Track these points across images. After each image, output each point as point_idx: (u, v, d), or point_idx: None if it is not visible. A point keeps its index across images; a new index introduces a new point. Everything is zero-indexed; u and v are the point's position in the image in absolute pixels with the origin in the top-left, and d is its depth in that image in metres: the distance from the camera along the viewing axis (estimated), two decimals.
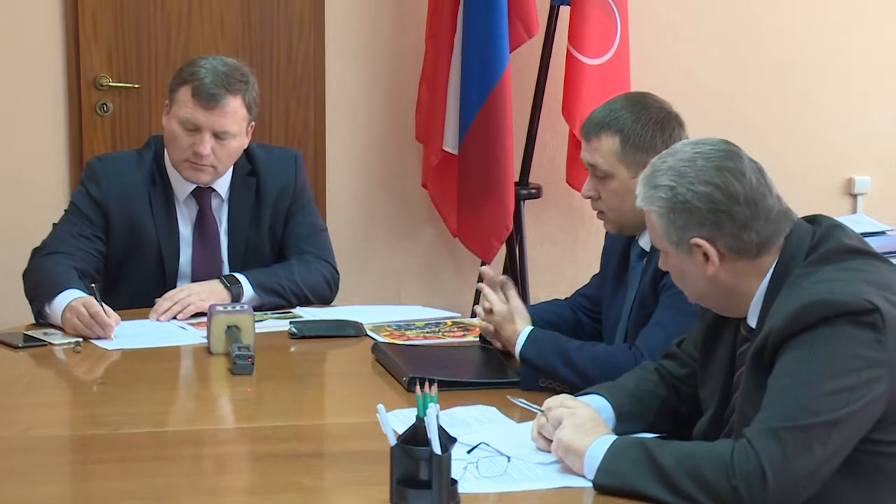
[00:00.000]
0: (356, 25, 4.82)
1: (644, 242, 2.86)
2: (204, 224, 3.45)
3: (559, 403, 2.31)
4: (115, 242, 3.40)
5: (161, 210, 3.42)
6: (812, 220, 2.27)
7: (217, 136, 3.32)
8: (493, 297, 2.90)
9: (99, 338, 3.06)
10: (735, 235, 2.19)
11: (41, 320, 3.20)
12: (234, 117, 3.33)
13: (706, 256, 2.20)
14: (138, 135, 4.58)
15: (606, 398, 2.41)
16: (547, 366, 2.69)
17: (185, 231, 3.45)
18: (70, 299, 3.12)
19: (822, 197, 5.15)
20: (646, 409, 2.43)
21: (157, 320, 3.23)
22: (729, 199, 2.18)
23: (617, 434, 2.24)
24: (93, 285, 3.15)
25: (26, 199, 4.60)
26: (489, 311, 2.88)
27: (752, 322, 2.23)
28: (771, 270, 2.20)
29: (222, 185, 3.45)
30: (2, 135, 4.61)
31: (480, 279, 3.02)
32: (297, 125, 4.82)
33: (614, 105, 2.84)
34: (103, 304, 3.09)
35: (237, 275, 3.37)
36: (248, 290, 3.35)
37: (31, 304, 3.28)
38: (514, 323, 2.83)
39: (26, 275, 3.33)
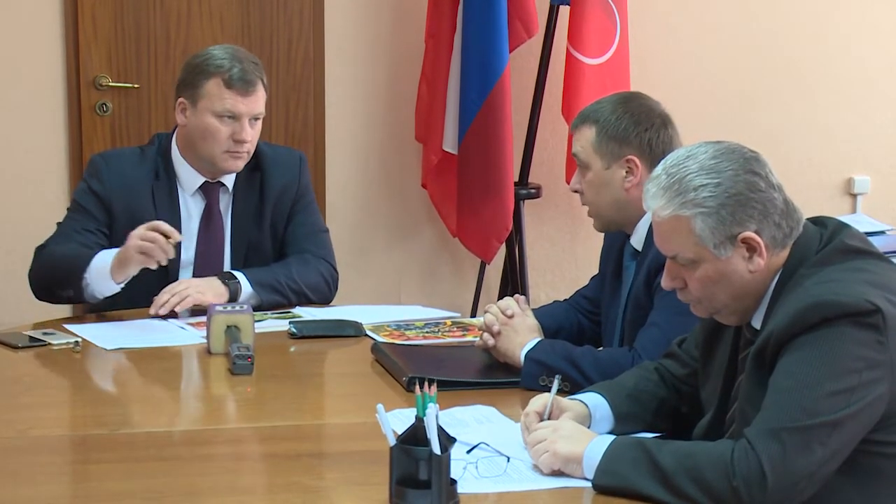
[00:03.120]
0: (356, 25, 4.82)
1: (636, 242, 2.87)
2: (211, 218, 3.45)
3: (542, 405, 2.31)
4: (117, 237, 3.40)
5: (164, 205, 3.42)
6: (817, 221, 2.26)
7: (253, 120, 3.35)
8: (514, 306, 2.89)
9: (165, 252, 3.12)
10: (777, 224, 2.17)
11: (74, 298, 3.23)
12: (264, 100, 3.39)
13: (752, 251, 2.17)
14: (138, 134, 4.59)
15: (605, 397, 2.41)
16: (553, 365, 2.69)
17: (190, 225, 3.45)
18: (112, 253, 3.19)
19: (822, 197, 5.15)
20: (644, 410, 2.43)
21: (157, 314, 3.23)
22: (769, 187, 2.17)
23: (616, 435, 2.24)
24: None
25: (26, 199, 4.60)
26: (497, 333, 2.86)
27: (757, 324, 2.23)
28: (779, 272, 2.20)
29: (229, 178, 3.46)
30: (2, 135, 4.61)
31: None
32: (296, 125, 4.82)
33: (601, 100, 2.90)
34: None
35: (235, 272, 3.38)
36: (245, 287, 3.34)
37: (57, 285, 3.27)
38: (524, 335, 2.83)
39: (38, 269, 3.33)
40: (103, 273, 3.19)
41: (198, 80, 3.35)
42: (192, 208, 3.46)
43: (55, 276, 3.29)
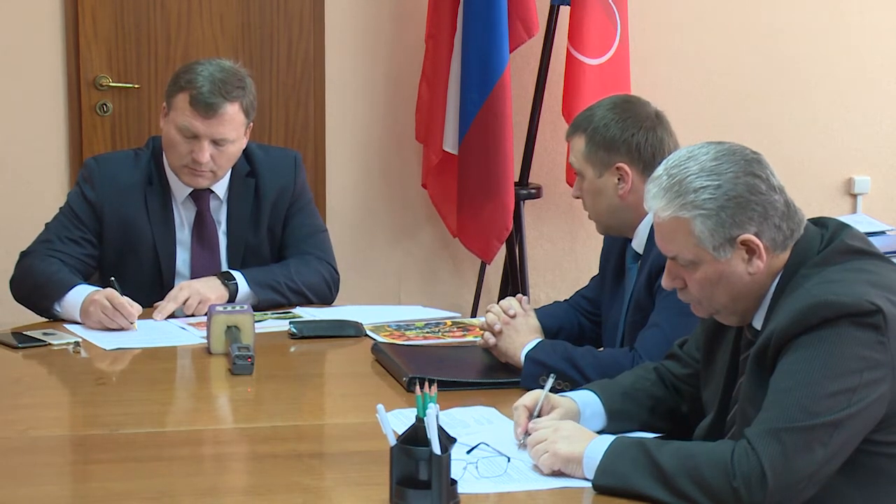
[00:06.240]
0: (356, 25, 4.82)
1: (637, 245, 2.87)
2: (202, 225, 3.45)
3: (533, 401, 2.33)
4: (109, 244, 3.41)
5: (157, 211, 3.41)
6: (818, 222, 2.26)
7: (216, 143, 3.32)
8: (517, 305, 2.90)
9: (121, 328, 3.11)
10: (777, 227, 2.17)
11: (47, 317, 3.24)
12: (233, 124, 3.32)
13: (751, 254, 2.17)
14: (138, 135, 4.59)
15: (598, 394, 2.41)
16: (554, 366, 2.69)
17: (183, 232, 3.45)
18: (86, 294, 3.16)
19: (822, 197, 5.16)
20: (639, 408, 2.43)
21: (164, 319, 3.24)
22: (769, 189, 2.17)
23: (610, 433, 2.24)
24: (112, 279, 3.21)
25: (26, 199, 4.60)
26: (499, 332, 2.86)
27: (758, 324, 2.23)
28: (780, 273, 2.20)
29: (220, 187, 3.45)
30: (2, 135, 4.61)
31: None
32: (296, 125, 4.82)
33: (592, 107, 2.90)
34: (123, 295, 3.15)
35: (232, 272, 3.38)
36: (242, 287, 3.34)
37: (31, 304, 3.30)
38: (525, 336, 2.83)
39: (21, 278, 3.34)
40: (71, 313, 3.20)
41: (173, 91, 3.34)
42: (184, 215, 3.45)
43: (30, 297, 3.31)
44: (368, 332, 3.18)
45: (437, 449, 1.98)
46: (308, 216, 3.57)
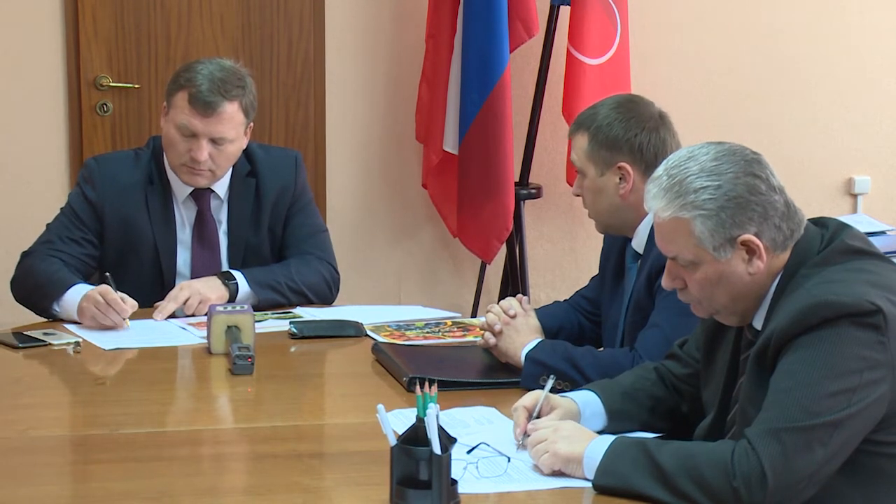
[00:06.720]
0: (356, 25, 4.82)
1: (637, 245, 2.87)
2: (203, 225, 3.45)
3: (532, 401, 2.33)
4: (109, 244, 3.41)
5: (158, 210, 3.41)
6: (818, 222, 2.26)
7: (214, 141, 3.32)
8: (517, 306, 2.90)
9: (115, 325, 3.10)
10: (777, 227, 2.17)
11: (47, 317, 3.24)
12: (232, 123, 3.32)
13: (751, 254, 2.17)
14: (138, 135, 4.59)
15: (598, 394, 2.42)
16: (554, 366, 2.69)
17: (184, 232, 3.45)
18: (84, 291, 3.16)
19: (822, 197, 5.16)
20: (639, 408, 2.43)
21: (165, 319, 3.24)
22: (769, 189, 2.17)
23: (610, 432, 2.24)
24: (107, 274, 3.21)
25: (26, 199, 4.60)
26: (499, 332, 2.86)
27: (759, 324, 2.23)
28: (780, 273, 2.20)
29: (221, 186, 3.45)
30: (2, 135, 4.61)
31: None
32: (297, 125, 4.82)
33: (595, 105, 2.90)
34: (118, 292, 3.14)
35: (233, 271, 3.38)
36: (243, 287, 3.34)
37: (31, 304, 3.30)
38: (525, 336, 2.83)
39: (21, 278, 3.34)
40: (69, 311, 3.21)
41: (173, 90, 3.35)
42: (185, 215, 3.45)
43: (30, 297, 3.31)
44: (368, 332, 3.18)
45: (437, 449, 1.98)
46: (308, 216, 3.57)
